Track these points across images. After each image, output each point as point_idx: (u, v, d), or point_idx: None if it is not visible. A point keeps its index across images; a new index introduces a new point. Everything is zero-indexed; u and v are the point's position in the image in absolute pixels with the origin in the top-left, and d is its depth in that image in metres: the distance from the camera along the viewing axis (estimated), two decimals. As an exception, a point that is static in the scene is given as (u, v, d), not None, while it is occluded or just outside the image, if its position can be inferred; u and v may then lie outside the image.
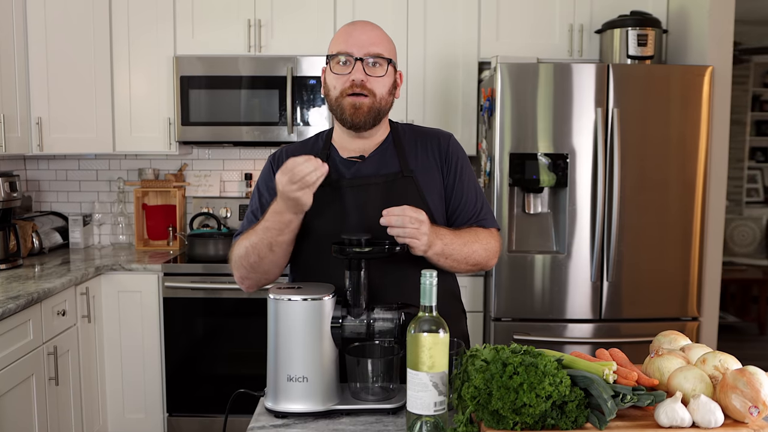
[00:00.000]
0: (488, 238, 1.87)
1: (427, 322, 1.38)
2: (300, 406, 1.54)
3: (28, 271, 3.39)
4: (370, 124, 1.82)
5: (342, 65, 1.79)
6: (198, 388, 3.68)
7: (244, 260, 1.79)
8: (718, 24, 3.47)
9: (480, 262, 1.84)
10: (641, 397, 1.38)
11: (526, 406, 1.29)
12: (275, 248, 1.74)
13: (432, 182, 1.87)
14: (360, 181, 1.83)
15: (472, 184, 1.93)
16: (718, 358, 1.48)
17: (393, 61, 1.83)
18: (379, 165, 1.86)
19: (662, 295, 3.41)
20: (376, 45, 1.79)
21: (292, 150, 1.94)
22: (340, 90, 1.79)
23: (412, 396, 1.39)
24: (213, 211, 4.21)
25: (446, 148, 1.91)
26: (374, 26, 1.84)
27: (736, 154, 7.38)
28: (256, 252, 1.76)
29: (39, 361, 2.94)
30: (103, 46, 3.85)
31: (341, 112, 1.80)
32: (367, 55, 1.78)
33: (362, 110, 1.78)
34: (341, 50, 1.78)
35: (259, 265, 1.78)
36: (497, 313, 3.41)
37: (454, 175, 1.90)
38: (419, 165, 1.87)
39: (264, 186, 1.92)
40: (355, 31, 1.81)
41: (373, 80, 1.78)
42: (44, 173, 4.35)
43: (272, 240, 1.73)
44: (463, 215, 1.90)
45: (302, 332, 1.54)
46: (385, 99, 1.82)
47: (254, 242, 1.75)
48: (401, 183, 1.84)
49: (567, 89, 3.31)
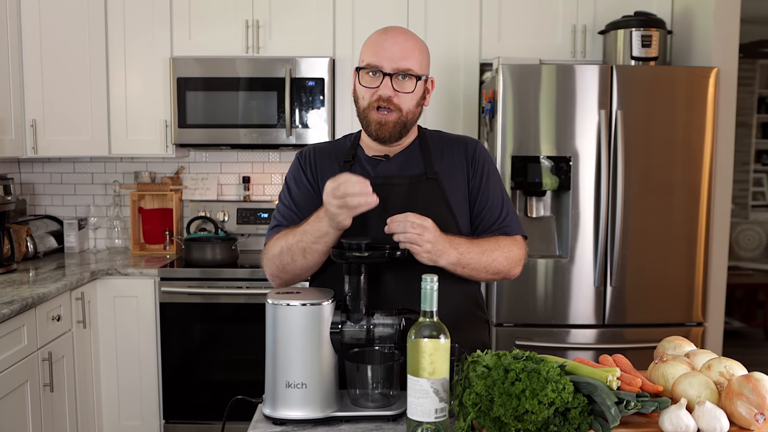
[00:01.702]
0: (510, 246, 1.85)
1: (428, 328, 1.38)
2: (298, 413, 1.53)
3: (22, 276, 3.37)
4: (396, 137, 1.83)
5: (371, 77, 1.79)
6: (195, 395, 3.66)
7: (277, 260, 1.79)
8: (724, 24, 3.47)
9: (501, 270, 1.83)
10: (645, 404, 1.37)
11: (529, 413, 1.29)
12: (308, 255, 1.74)
13: (456, 185, 1.87)
14: (383, 180, 1.82)
15: (498, 190, 1.92)
16: (724, 364, 1.48)
17: (424, 77, 1.82)
18: (403, 166, 1.87)
19: (667, 300, 3.39)
20: (407, 59, 1.77)
21: (320, 148, 1.96)
22: (368, 102, 1.79)
23: (412, 403, 1.39)
24: (210, 214, 4.19)
25: (473, 153, 1.91)
26: (407, 36, 1.82)
27: (741, 156, 7.35)
28: (289, 254, 1.75)
29: (33, 367, 2.92)
30: (98, 47, 3.83)
31: (367, 125, 1.82)
32: (397, 70, 1.77)
33: (387, 126, 1.79)
34: (371, 63, 1.78)
35: (291, 267, 1.78)
36: (499, 319, 3.39)
37: (480, 178, 1.89)
38: (444, 168, 1.88)
39: (293, 180, 1.93)
40: (387, 41, 1.79)
41: (401, 96, 1.78)
42: (39, 176, 4.33)
43: (307, 246, 1.72)
44: (486, 220, 1.89)
45: (301, 338, 1.53)
46: (412, 112, 1.82)
47: (290, 244, 1.75)
48: (425, 185, 1.84)
49: (570, 91, 3.30)
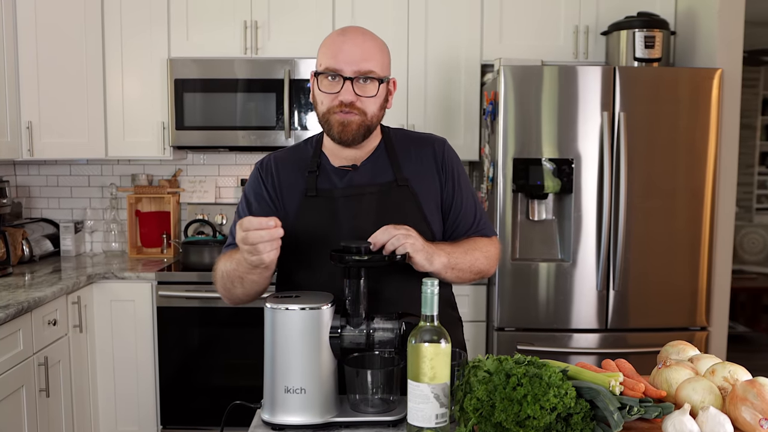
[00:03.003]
0: (487, 246, 1.85)
1: (429, 332, 1.38)
2: (297, 418, 1.52)
3: (18, 280, 3.35)
4: (359, 140, 1.76)
5: (330, 81, 1.70)
6: (193, 400, 3.64)
7: (220, 282, 1.78)
8: (728, 25, 3.46)
9: (483, 269, 1.83)
10: (649, 409, 1.38)
11: (530, 419, 1.29)
12: (246, 284, 1.71)
13: (427, 190, 1.83)
14: (353, 190, 1.78)
15: (470, 193, 1.90)
16: (728, 369, 1.48)
17: (386, 79, 1.75)
18: (372, 174, 1.81)
19: (670, 304, 3.38)
20: (367, 61, 1.70)
21: (280, 157, 1.89)
22: (328, 107, 1.72)
23: (413, 408, 1.39)
24: (208, 217, 4.18)
25: (441, 156, 1.87)
26: (366, 36, 1.74)
27: (746, 159, 7.37)
28: (229, 279, 1.73)
29: (29, 372, 2.90)
30: (95, 48, 3.81)
31: (329, 128, 1.75)
32: (358, 73, 1.69)
33: (351, 128, 1.72)
34: (330, 66, 1.69)
35: (234, 292, 1.76)
36: (500, 323, 3.37)
37: (452, 184, 1.86)
38: (413, 172, 1.83)
39: (252, 194, 1.86)
40: (346, 44, 1.70)
41: (364, 100, 1.71)
42: (35, 179, 4.31)
43: (243, 275, 1.68)
44: (462, 226, 1.87)
45: (300, 342, 1.52)
46: (376, 115, 1.76)
47: (229, 270, 1.72)
48: (396, 192, 1.80)
49: (572, 92, 3.29)
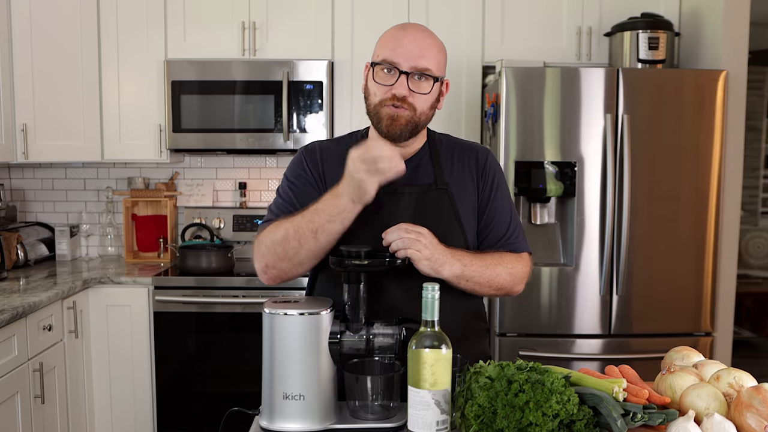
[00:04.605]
0: (515, 262, 1.82)
1: (429, 338, 1.38)
2: (296, 425, 1.53)
3: (12, 285, 3.33)
4: (406, 136, 1.78)
5: (386, 73, 1.73)
6: (190, 406, 3.61)
7: (279, 246, 1.68)
8: (733, 26, 3.45)
9: (504, 286, 1.80)
10: (652, 416, 1.37)
11: (533, 426, 1.30)
12: (320, 236, 1.63)
13: (466, 196, 1.85)
14: (393, 188, 1.77)
15: (507, 204, 1.90)
16: (733, 375, 1.47)
17: (440, 79, 1.78)
18: (414, 174, 1.82)
19: (674, 309, 3.37)
20: (425, 58, 1.72)
21: (325, 146, 1.91)
22: (380, 99, 1.74)
23: (413, 415, 1.39)
24: (205, 221, 4.14)
25: (484, 163, 1.89)
26: (426, 33, 1.77)
27: (751, 162, 7.34)
28: (296, 237, 1.65)
29: (24, 378, 2.90)
30: (91, 50, 3.79)
31: (378, 121, 1.76)
32: (414, 69, 1.71)
33: (399, 122, 1.74)
34: (387, 58, 1.72)
35: (297, 253, 1.67)
36: (502, 328, 3.35)
37: (489, 191, 1.87)
38: (454, 177, 1.85)
39: (294, 175, 1.86)
40: (406, 38, 1.73)
41: (416, 96, 1.73)
42: (29, 182, 4.29)
43: (319, 226, 1.62)
44: (493, 234, 1.86)
45: (299, 348, 1.52)
46: (426, 114, 1.78)
47: (298, 226, 1.65)
48: (434, 194, 1.82)
49: (575, 94, 3.27)
